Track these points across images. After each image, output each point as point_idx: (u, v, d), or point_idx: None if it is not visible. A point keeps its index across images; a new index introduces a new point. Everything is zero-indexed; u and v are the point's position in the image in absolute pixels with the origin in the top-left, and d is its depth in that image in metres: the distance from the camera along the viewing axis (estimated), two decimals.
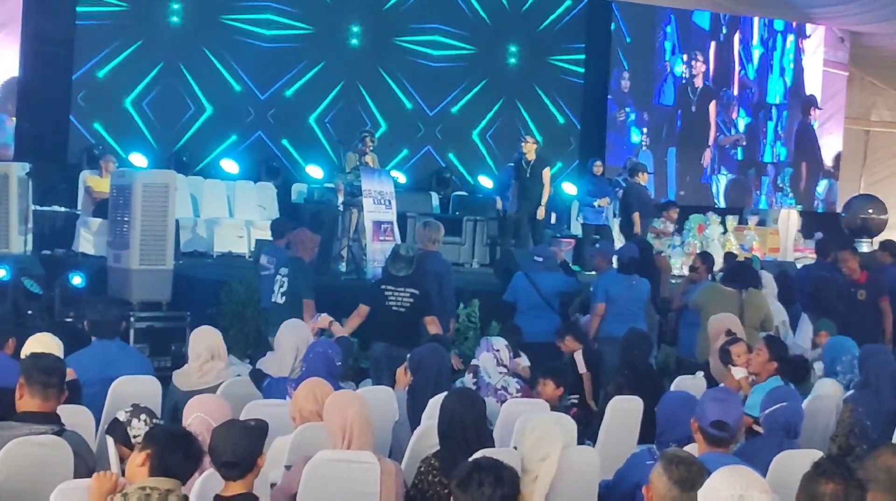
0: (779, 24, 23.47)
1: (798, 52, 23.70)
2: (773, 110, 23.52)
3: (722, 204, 22.19)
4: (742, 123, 23.12)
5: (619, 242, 14.68)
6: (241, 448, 4.59)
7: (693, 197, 21.95)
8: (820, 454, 5.66)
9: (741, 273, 10.84)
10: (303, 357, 7.09)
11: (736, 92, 22.94)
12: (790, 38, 23.62)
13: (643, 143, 21.80)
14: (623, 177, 17.46)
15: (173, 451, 4.42)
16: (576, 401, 8.77)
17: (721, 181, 22.83)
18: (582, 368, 9.25)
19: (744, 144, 22.74)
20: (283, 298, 9.96)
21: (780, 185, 23.51)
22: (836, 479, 3.97)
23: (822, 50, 23.83)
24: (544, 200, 14.64)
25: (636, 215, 15.18)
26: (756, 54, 23.25)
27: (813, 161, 23.81)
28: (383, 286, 9.64)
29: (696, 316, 10.55)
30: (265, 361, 7.73)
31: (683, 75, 22.36)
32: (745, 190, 23.10)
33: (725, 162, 22.82)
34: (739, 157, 23.00)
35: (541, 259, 11.40)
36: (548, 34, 20.72)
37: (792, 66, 23.65)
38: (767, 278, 11.72)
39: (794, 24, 23.52)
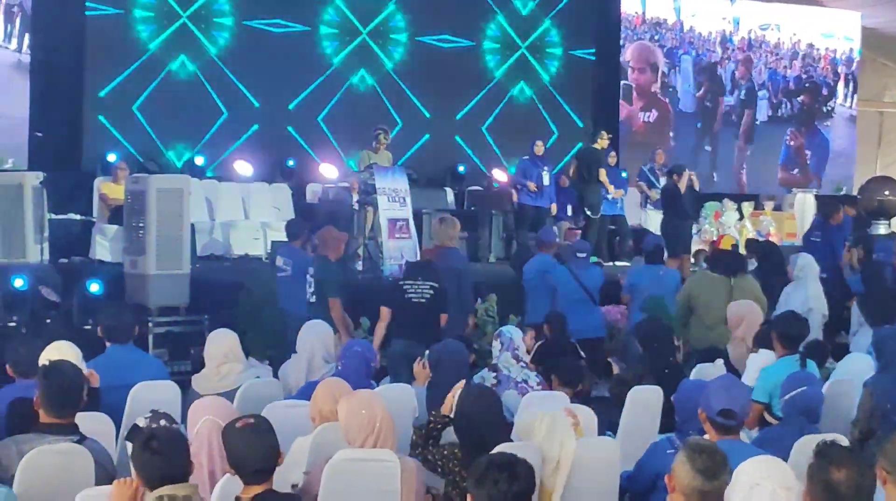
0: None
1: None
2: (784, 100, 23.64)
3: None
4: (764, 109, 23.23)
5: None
6: (267, 453, 4.61)
7: (726, 184, 22.07)
8: (843, 438, 5.65)
9: (727, 260, 10.82)
10: (339, 357, 7.15)
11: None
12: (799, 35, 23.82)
13: None
14: (649, 167, 17.56)
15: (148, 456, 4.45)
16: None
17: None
18: None
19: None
20: (314, 298, 10.00)
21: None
22: (848, 465, 3.96)
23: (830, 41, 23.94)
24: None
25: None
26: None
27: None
28: (401, 282, 9.71)
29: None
30: (287, 365, 7.75)
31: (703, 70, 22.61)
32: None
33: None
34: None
35: (584, 255, 11.33)
36: (557, 23, 20.69)
37: (803, 58, 23.76)
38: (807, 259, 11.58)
39: (797, 43, 23.60)
